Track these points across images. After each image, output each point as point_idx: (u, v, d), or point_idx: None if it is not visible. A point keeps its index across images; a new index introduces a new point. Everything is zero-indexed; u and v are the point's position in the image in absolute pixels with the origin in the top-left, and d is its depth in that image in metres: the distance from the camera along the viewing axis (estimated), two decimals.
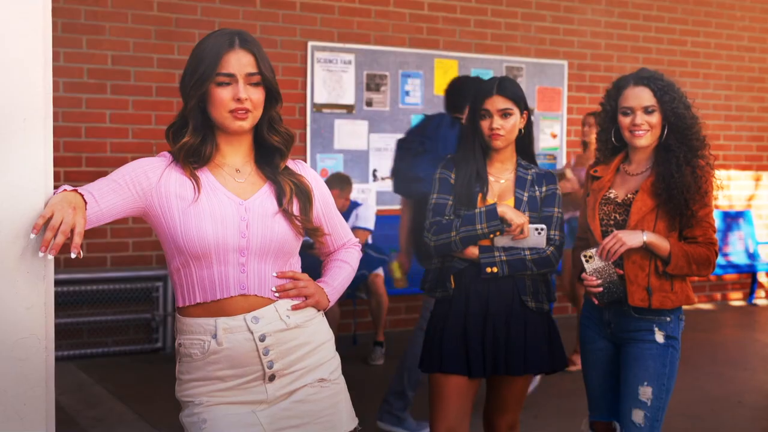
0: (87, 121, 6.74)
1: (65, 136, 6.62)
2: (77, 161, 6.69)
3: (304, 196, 2.39)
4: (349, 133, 7.69)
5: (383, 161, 7.78)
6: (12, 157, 2.01)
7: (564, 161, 8.66)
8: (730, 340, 7.97)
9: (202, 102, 2.30)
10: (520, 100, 3.34)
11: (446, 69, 8.04)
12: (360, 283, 6.76)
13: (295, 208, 2.36)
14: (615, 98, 3.33)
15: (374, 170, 7.78)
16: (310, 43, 7.47)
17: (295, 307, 2.34)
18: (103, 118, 6.80)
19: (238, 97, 2.25)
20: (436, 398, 3.32)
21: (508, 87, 3.33)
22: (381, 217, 7.17)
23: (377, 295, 6.76)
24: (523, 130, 3.38)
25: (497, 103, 3.29)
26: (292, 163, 2.45)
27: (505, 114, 3.29)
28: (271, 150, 2.38)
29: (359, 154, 7.71)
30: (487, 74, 8.12)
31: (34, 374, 2.03)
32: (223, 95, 2.26)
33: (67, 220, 1.98)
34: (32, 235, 1.96)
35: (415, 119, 7.90)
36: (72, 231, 1.99)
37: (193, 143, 2.30)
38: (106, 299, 6.70)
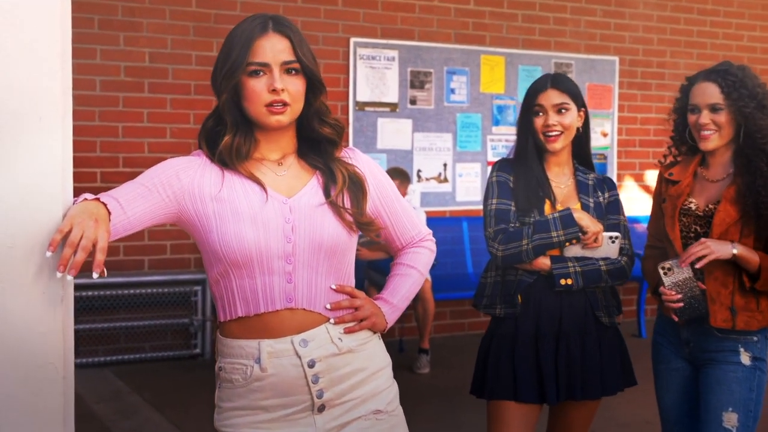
0: (124, 120, 6.59)
1: (102, 136, 6.49)
2: (114, 162, 6.53)
3: (356, 186, 2.13)
4: (393, 132, 7.46)
5: (427, 161, 7.56)
6: (26, 161, 1.74)
7: (615, 161, 8.38)
8: None
9: (235, 96, 2.06)
10: (576, 96, 3.04)
11: (493, 65, 7.78)
12: None
13: (346, 202, 2.10)
14: (687, 94, 3.06)
15: (418, 170, 7.54)
16: (353, 40, 7.26)
17: (347, 330, 2.09)
18: (141, 118, 6.64)
19: (273, 88, 2.00)
20: (501, 427, 2.99)
21: (563, 81, 3.05)
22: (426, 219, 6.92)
23: (424, 300, 6.50)
24: (580, 129, 3.10)
25: (552, 97, 3.00)
26: (343, 152, 2.20)
27: (560, 109, 3.00)
28: (322, 140, 2.15)
29: (403, 153, 7.48)
30: (534, 71, 7.87)
31: (50, 408, 1.75)
32: (257, 86, 2.02)
33: (87, 234, 1.72)
34: (48, 253, 1.70)
35: (460, 118, 7.67)
36: (94, 246, 1.73)
37: (238, 143, 2.06)
38: (144, 304, 6.55)
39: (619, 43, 8.41)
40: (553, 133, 3.00)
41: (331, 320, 2.06)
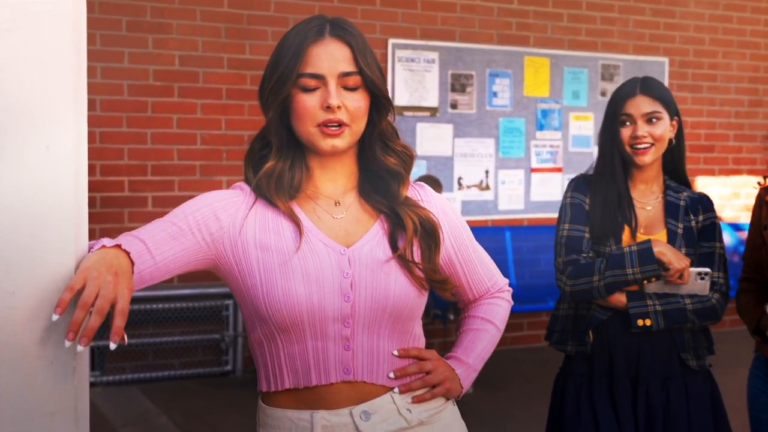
0: (152, 126, 6.31)
1: (130, 143, 6.22)
2: (142, 170, 6.25)
3: (429, 236, 1.76)
4: (433, 138, 7.16)
5: (469, 168, 7.25)
6: (29, 201, 1.40)
7: None
8: None
9: (284, 114, 1.71)
10: (669, 103, 2.70)
11: (537, 67, 7.44)
12: (450, 304, 6.18)
13: (416, 254, 1.75)
14: None
15: (459, 178, 7.23)
16: (391, 41, 6.97)
17: (417, 399, 1.74)
18: (170, 123, 6.37)
19: (328, 104, 1.65)
20: None
21: (654, 86, 2.71)
22: None
23: None
24: (673, 141, 2.75)
25: (642, 105, 2.66)
26: (411, 189, 1.84)
27: (651, 119, 2.66)
28: (385, 174, 1.78)
29: (443, 160, 7.16)
30: (581, 73, 7.51)
31: None
32: (308, 102, 1.66)
33: (104, 292, 1.37)
34: (55, 316, 1.35)
35: (503, 123, 7.35)
36: (112, 308, 1.39)
37: (281, 169, 1.72)
38: (173, 318, 6.30)
39: (669, 44, 8.07)
40: (643, 146, 2.66)
41: (396, 389, 1.73)
